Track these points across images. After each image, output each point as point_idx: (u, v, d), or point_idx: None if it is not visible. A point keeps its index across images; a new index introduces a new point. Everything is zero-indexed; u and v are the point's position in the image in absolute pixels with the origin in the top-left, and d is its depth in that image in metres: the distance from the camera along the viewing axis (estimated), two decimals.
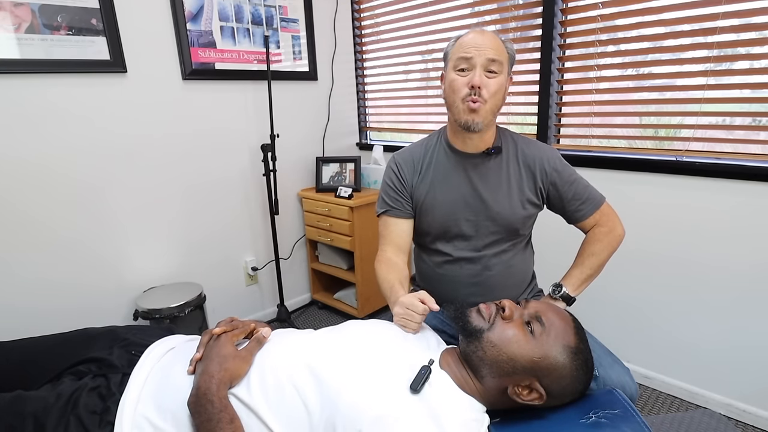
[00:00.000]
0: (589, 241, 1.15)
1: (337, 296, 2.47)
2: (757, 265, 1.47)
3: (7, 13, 1.45)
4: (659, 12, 1.53)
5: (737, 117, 1.49)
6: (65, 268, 1.70)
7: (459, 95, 1.02)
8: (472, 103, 1.00)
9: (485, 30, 1.05)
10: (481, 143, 1.11)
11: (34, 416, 0.77)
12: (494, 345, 0.80)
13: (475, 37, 1.02)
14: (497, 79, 1.02)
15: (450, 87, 1.05)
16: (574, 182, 1.13)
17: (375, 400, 0.72)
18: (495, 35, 1.04)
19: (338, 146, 2.58)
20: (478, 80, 0.99)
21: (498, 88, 1.02)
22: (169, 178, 1.93)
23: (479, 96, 1.00)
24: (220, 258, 2.17)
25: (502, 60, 1.02)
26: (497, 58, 1.00)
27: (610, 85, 1.71)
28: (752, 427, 1.57)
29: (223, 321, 0.91)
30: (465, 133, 1.07)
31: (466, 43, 1.02)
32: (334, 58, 2.45)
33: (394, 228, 1.18)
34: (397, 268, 1.12)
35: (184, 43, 1.86)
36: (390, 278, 1.09)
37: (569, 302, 1.11)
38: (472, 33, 1.04)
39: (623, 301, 1.78)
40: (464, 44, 1.02)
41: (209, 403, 0.73)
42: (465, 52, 1.01)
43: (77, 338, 0.98)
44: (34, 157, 1.58)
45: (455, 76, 1.03)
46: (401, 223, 1.18)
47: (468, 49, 1.01)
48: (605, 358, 1.02)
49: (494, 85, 1.01)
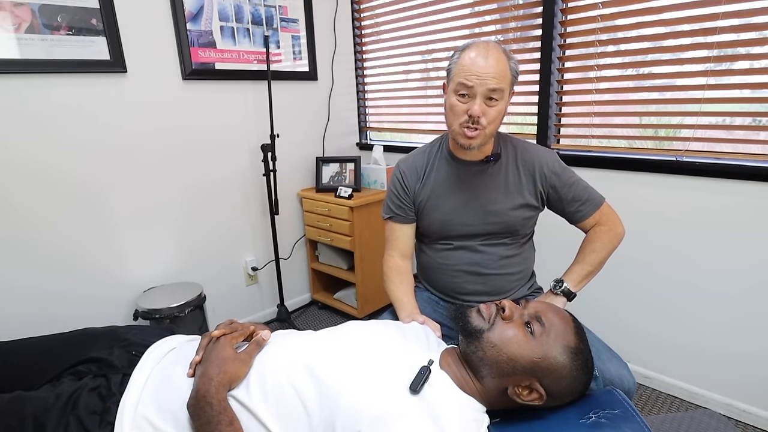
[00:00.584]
0: (590, 239, 1.17)
1: (337, 296, 2.47)
2: (757, 265, 1.47)
3: (7, 13, 1.45)
4: (659, 12, 1.53)
5: (737, 117, 1.49)
6: (65, 268, 1.70)
7: (458, 120, 1.03)
8: (468, 130, 1.02)
9: (490, 48, 1.00)
10: (480, 153, 1.14)
11: (33, 416, 0.77)
12: (494, 345, 0.80)
13: (477, 60, 0.98)
14: (497, 107, 1.02)
15: (450, 111, 1.05)
16: (574, 184, 1.15)
17: (374, 401, 0.72)
18: (499, 54, 1.00)
19: (338, 146, 2.58)
20: (478, 111, 0.99)
21: (497, 115, 1.03)
22: (169, 178, 1.93)
23: (477, 124, 1.01)
24: (220, 258, 2.17)
25: (504, 87, 1.00)
26: (498, 86, 0.99)
27: (610, 85, 1.71)
28: (752, 427, 1.57)
29: (222, 323, 0.91)
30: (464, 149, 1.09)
31: (468, 68, 0.99)
32: (334, 58, 2.45)
33: (399, 234, 1.24)
34: (408, 279, 1.22)
35: (184, 43, 1.86)
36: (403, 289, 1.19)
37: (570, 298, 1.12)
38: (475, 52, 1.00)
39: (623, 301, 1.78)
40: (466, 69, 0.99)
41: (208, 406, 0.73)
42: (466, 80, 0.99)
43: (77, 338, 0.98)
44: (34, 157, 1.58)
45: (455, 101, 1.02)
46: (405, 229, 1.24)
47: (469, 77, 0.98)
48: (604, 351, 1.04)
49: (494, 113, 1.02)
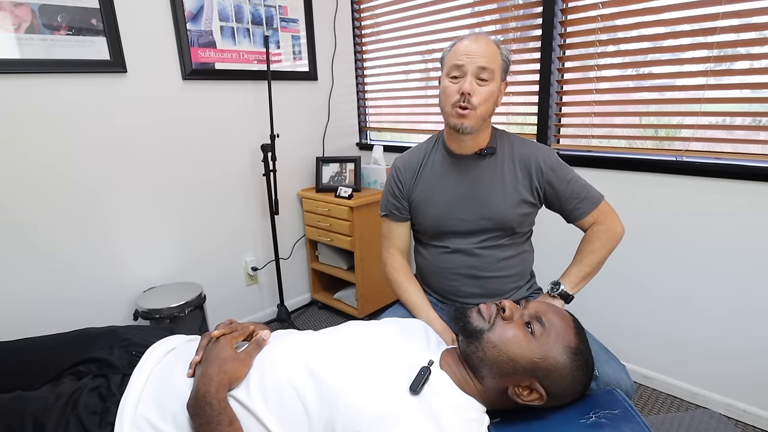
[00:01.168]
0: (588, 239, 1.16)
1: (337, 296, 2.47)
2: (758, 265, 1.47)
3: (7, 13, 1.45)
4: (659, 12, 1.53)
5: (737, 117, 1.49)
6: (65, 269, 1.70)
7: (450, 101, 1.06)
8: (460, 109, 1.04)
9: (480, 36, 1.06)
10: (475, 145, 1.14)
11: (33, 416, 0.77)
12: (494, 345, 0.80)
13: (468, 44, 1.04)
14: (488, 87, 1.05)
15: (443, 93, 1.08)
16: (571, 181, 1.14)
17: (375, 401, 0.72)
18: (489, 41, 1.06)
19: (338, 146, 2.58)
20: (468, 87, 1.02)
21: (488, 95, 1.05)
22: (168, 178, 1.93)
23: (469, 102, 1.03)
24: (220, 258, 2.17)
25: (494, 68, 1.04)
26: (488, 66, 1.03)
27: (610, 85, 1.71)
28: (752, 427, 1.57)
29: (222, 323, 0.91)
30: (458, 135, 1.10)
31: (459, 50, 1.05)
32: (334, 58, 2.45)
33: (396, 232, 1.26)
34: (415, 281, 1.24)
35: (184, 43, 1.86)
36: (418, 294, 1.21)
37: (568, 300, 1.11)
38: (466, 39, 1.06)
39: (623, 301, 1.78)
40: (457, 51, 1.05)
41: (208, 406, 0.73)
42: (457, 60, 1.04)
43: (77, 338, 0.98)
44: (35, 157, 1.58)
45: (447, 83, 1.06)
46: (402, 227, 1.25)
47: (460, 57, 1.03)
48: (602, 354, 1.03)
49: (485, 92, 1.04)
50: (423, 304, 1.18)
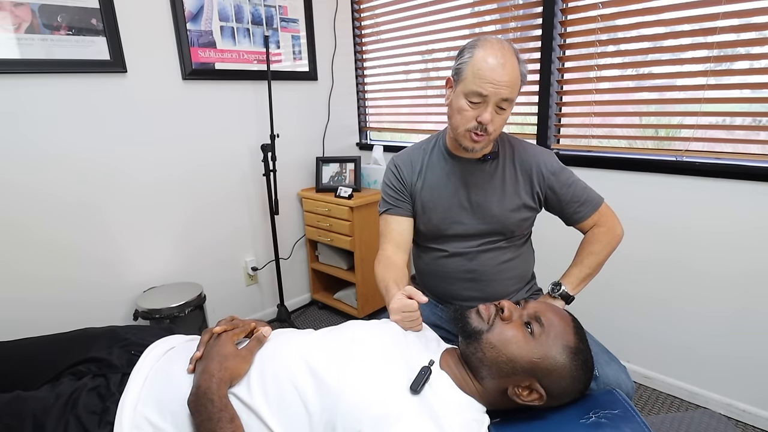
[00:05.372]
0: (588, 241, 1.16)
1: (337, 296, 2.47)
2: (758, 265, 1.47)
3: (7, 13, 1.45)
4: (659, 12, 1.53)
5: (737, 117, 1.49)
6: (65, 269, 1.70)
7: (465, 125, 1.01)
8: (475, 136, 1.01)
9: (507, 53, 0.97)
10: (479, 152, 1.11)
11: (33, 416, 0.77)
12: (494, 346, 0.80)
13: (495, 67, 0.95)
14: (504, 115, 1.01)
15: (458, 113, 1.02)
16: (572, 184, 1.13)
17: (375, 401, 0.72)
18: (515, 63, 0.98)
19: (338, 146, 2.58)
20: (488, 119, 0.98)
21: (503, 122, 1.03)
22: (168, 178, 1.93)
23: (485, 131, 1.00)
24: (220, 258, 2.17)
25: (514, 96, 1.00)
26: (511, 96, 0.98)
27: (610, 85, 1.71)
28: (752, 427, 1.57)
29: (223, 320, 0.91)
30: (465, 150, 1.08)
31: (484, 75, 0.95)
32: (334, 58, 2.45)
33: (394, 226, 1.19)
34: (395, 267, 1.12)
35: (184, 43, 1.86)
36: (386, 277, 1.09)
37: (568, 301, 1.11)
38: (492, 57, 0.96)
39: (623, 301, 1.78)
40: (482, 76, 0.96)
41: (209, 402, 0.73)
42: (481, 87, 0.96)
43: (77, 338, 0.98)
44: (35, 157, 1.58)
45: (464, 105, 1.00)
46: (401, 221, 1.19)
47: (484, 85, 0.96)
48: (602, 355, 1.03)
49: (501, 120, 1.02)
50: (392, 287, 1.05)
